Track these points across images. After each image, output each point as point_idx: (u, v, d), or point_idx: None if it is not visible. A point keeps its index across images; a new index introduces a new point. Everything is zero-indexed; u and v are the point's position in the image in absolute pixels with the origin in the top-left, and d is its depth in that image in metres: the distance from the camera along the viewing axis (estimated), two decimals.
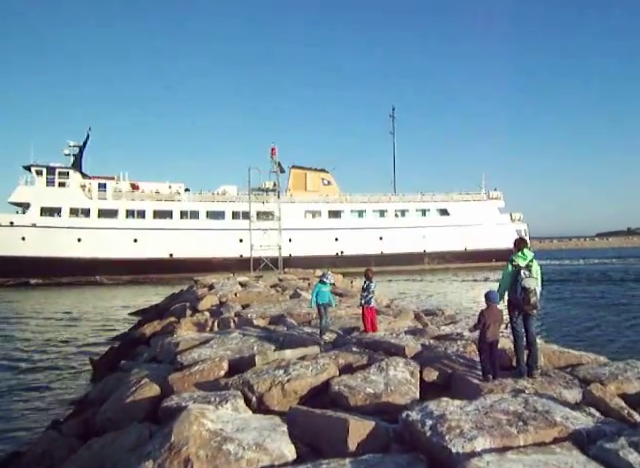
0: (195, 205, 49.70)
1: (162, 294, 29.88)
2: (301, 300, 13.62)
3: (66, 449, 5.71)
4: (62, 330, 21.30)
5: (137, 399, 5.95)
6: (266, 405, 5.55)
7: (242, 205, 49.93)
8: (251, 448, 4.08)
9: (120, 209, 47.27)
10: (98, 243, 45.06)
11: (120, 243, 45.73)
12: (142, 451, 4.33)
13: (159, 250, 46.55)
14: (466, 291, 35.36)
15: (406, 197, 57.59)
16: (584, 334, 17.91)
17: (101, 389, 8.39)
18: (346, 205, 54.11)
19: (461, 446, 3.63)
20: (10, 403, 10.79)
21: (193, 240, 47.52)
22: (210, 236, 48.24)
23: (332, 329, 9.30)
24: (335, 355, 6.85)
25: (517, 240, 6.37)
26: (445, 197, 57.75)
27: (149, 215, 47.82)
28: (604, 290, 33.67)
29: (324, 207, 53.13)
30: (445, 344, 7.40)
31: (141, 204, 48.11)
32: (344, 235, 52.00)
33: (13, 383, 12.54)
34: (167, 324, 13.04)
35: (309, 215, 52.93)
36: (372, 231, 52.64)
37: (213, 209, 50.12)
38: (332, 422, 4.48)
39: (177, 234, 47.61)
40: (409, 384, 5.80)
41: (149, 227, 47.23)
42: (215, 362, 6.64)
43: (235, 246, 48.44)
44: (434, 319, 11.05)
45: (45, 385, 12.23)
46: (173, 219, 48.36)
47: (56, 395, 11.33)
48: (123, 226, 46.64)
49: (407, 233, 53.44)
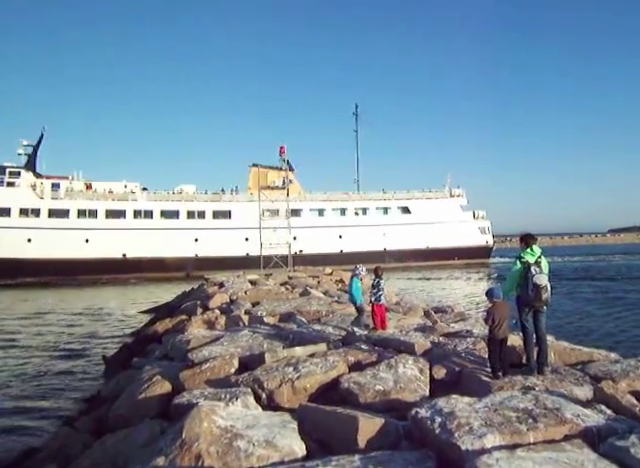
0: (149, 204, 49.01)
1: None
2: (310, 298, 13.65)
3: (80, 445, 5.82)
4: (73, 328, 21.60)
5: (149, 396, 6.03)
6: (276, 402, 5.59)
7: (198, 204, 49.57)
8: (261, 445, 4.12)
9: (71, 209, 46.70)
10: (49, 243, 44.35)
11: (71, 243, 45.11)
12: (154, 447, 4.39)
13: (112, 250, 45.91)
14: (441, 289, 35.31)
15: (367, 195, 56.84)
16: (595, 331, 17.78)
17: (114, 386, 8.52)
18: (305, 204, 53.43)
19: (470, 443, 3.63)
20: (25, 400, 11.00)
21: (147, 240, 46.87)
22: (164, 236, 47.56)
23: (341, 326, 9.32)
24: (344, 352, 6.88)
25: (524, 236, 6.21)
26: (407, 195, 57.01)
27: (101, 215, 47.25)
28: (614, 286, 33.38)
29: (282, 206, 51.57)
30: (454, 341, 7.39)
31: (93, 204, 47.50)
32: (303, 234, 51.06)
33: (27, 380, 12.77)
34: (178, 322, 13.18)
35: (267, 214, 51.80)
36: (331, 230, 51.92)
37: (167, 208, 49.32)
38: (342, 419, 4.51)
39: (130, 234, 46.92)
40: (418, 381, 5.81)
41: (101, 227, 46.64)
42: (225, 359, 6.70)
43: (190, 245, 47.93)
44: (443, 316, 11.03)
45: (59, 382, 12.44)
46: (126, 219, 47.75)
47: (70, 392, 11.53)
48: (74, 226, 46.04)
49: (367, 231, 52.64)
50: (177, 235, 47.86)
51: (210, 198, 51.21)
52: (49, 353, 16.19)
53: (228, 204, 50.76)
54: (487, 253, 55.94)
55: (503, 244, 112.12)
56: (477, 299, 27.60)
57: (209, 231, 48.83)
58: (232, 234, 48.94)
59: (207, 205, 49.95)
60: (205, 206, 49.83)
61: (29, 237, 44.44)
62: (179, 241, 47.52)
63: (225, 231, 49.17)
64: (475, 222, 56.80)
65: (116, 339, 18.19)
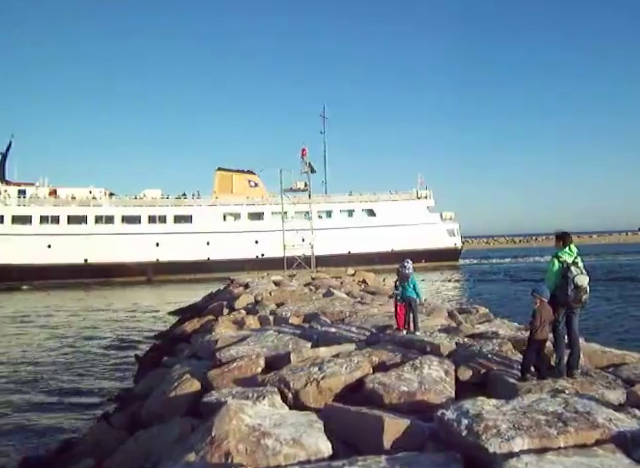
0: (110, 210, 49.44)
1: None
2: (334, 299, 13.69)
3: (115, 440, 6.02)
4: (104, 328, 22.19)
5: (179, 394, 6.19)
6: (302, 401, 5.64)
7: (159, 209, 49.95)
8: (288, 443, 4.17)
9: (34, 215, 47.43)
10: (13, 249, 45.20)
11: (34, 249, 45.81)
12: (185, 444, 4.50)
13: (74, 255, 46.47)
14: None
15: (331, 198, 56.07)
16: (627, 333, 17.32)
17: (146, 384, 8.75)
18: (267, 207, 52.83)
19: (498, 446, 3.60)
20: (63, 395, 11.46)
21: (108, 245, 47.32)
22: (125, 241, 47.92)
23: (365, 327, 9.34)
24: (369, 353, 6.89)
25: (561, 235, 6.01)
26: (372, 197, 56.01)
27: (63, 221, 47.84)
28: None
29: (244, 209, 52.13)
30: (480, 343, 7.30)
31: (55, 210, 48.08)
32: (265, 238, 50.71)
33: (65, 377, 13.28)
34: (206, 322, 13.42)
35: (230, 217, 51.92)
36: (294, 233, 50.57)
37: (128, 214, 49.63)
38: (367, 419, 4.53)
39: (92, 239, 47.46)
40: (444, 383, 5.78)
41: (63, 233, 47.27)
42: (252, 359, 6.80)
43: (152, 250, 48.33)
44: (468, 317, 10.90)
45: (94, 379, 12.93)
46: (88, 224, 48.33)
47: (104, 388, 11.97)
48: (37, 232, 46.75)
49: (331, 234, 51.78)
50: (138, 240, 48.29)
51: (172, 203, 51.54)
52: (84, 352, 16.77)
53: (189, 209, 50.96)
54: (456, 255, 55.22)
55: (481, 246, 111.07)
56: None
57: (170, 236, 49.22)
58: (193, 238, 49.23)
59: (168, 210, 50.35)
60: (166, 211, 50.24)
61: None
62: (140, 246, 47.98)
63: (186, 235, 49.44)
64: (443, 224, 55.99)
65: (146, 338, 18.69)
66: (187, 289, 38.87)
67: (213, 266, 47.48)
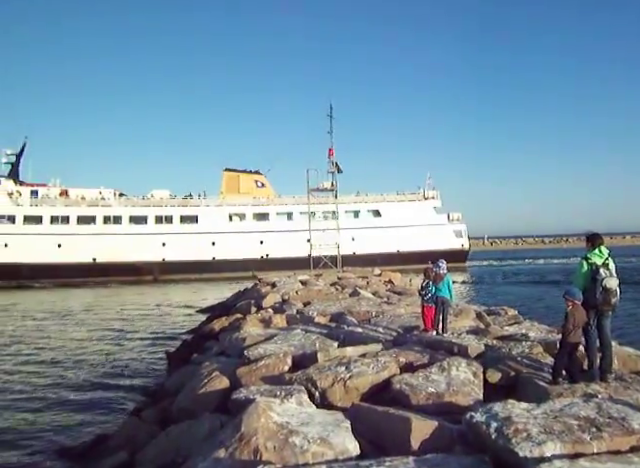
0: (118, 210, 50.22)
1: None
2: (360, 298, 13.70)
3: (147, 435, 6.18)
4: (133, 325, 22.77)
5: (209, 390, 6.31)
6: (329, 401, 5.68)
7: (165, 209, 50.51)
8: (316, 442, 4.21)
9: (45, 215, 48.59)
10: (24, 248, 46.41)
11: (45, 248, 47.00)
12: (215, 440, 4.59)
13: (82, 255, 47.45)
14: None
15: (337, 199, 55.04)
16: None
17: (176, 380, 8.93)
18: (272, 207, 52.84)
19: (529, 450, 3.55)
20: (96, 390, 11.81)
21: (116, 245, 48.11)
22: (133, 241, 48.73)
23: (392, 327, 9.31)
24: (396, 353, 6.87)
25: (591, 236, 5.88)
26: (378, 198, 55.27)
27: (73, 221, 48.90)
28: None
29: (249, 210, 52.21)
30: (509, 345, 7.20)
31: (65, 210, 49.19)
32: (270, 238, 50.78)
33: (98, 372, 13.70)
34: (234, 320, 13.64)
35: (235, 218, 52.03)
36: (299, 233, 50.38)
37: (136, 214, 50.32)
38: (394, 420, 4.54)
39: (100, 239, 48.36)
40: (472, 385, 5.73)
41: (73, 232, 48.31)
42: (280, 357, 6.87)
43: (158, 250, 48.97)
44: (497, 319, 10.74)
45: (126, 374, 13.32)
46: (97, 224, 49.26)
47: (136, 384, 12.28)
48: (47, 232, 47.92)
49: (336, 235, 50.26)
50: (145, 240, 48.98)
51: (178, 203, 52.13)
52: (116, 348, 17.25)
53: (195, 209, 51.36)
54: (463, 257, 53.92)
55: (490, 247, 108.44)
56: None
57: (176, 236, 49.77)
58: (199, 238, 49.72)
59: (174, 210, 50.89)
60: (172, 211, 50.82)
61: (6, 242, 46.95)
62: (147, 246, 48.66)
63: (192, 235, 49.91)
64: (450, 225, 54.98)
65: (175, 335, 19.10)
66: (206, 288, 39.54)
67: (218, 266, 48.25)
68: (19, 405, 10.86)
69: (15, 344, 18.48)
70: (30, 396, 11.50)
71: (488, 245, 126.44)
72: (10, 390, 12.12)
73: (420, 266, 46.08)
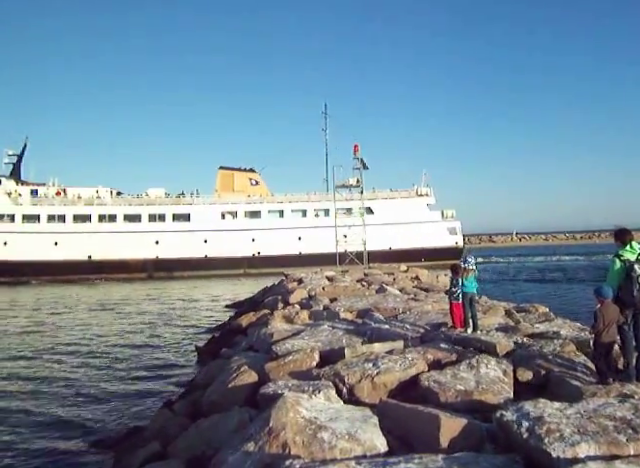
0: (113, 209, 51.06)
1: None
2: (387, 295, 13.64)
3: (178, 427, 6.34)
4: (161, 319, 23.28)
5: (238, 385, 6.42)
6: (356, 397, 5.69)
7: (159, 208, 51.15)
8: (344, 437, 4.23)
9: (42, 214, 49.85)
10: (23, 246, 47.83)
11: (42, 246, 48.20)
12: (244, 433, 4.67)
13: (78, 252, 48.52)
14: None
15: (328, 196, 54.75)
16: None
17: (206, 374, 9.13)
18: (264, 205, 52.93)
19: (562, 451, 3.48)
20: (129, 383, 12.20)
21: (110, 242, 49.05)
22: (127, 238, 49.56)
23: (419, 324, 9.26)
24: (423, 350, 6.84)
25: (619, 232, 5.70)
26: (371, 195, 54.27)
27: (69, 219, 50.06)
28: None
29: (241, 208, 52.40)
30: (540, 343, 7.07)
31: (62, 209, 50.31)
32: (261, 235, 51.00)
33: (130, 365, 14.13)
34: (261, 316, 13.79)
35: (228, 216, 52.29)
36: (290, 231, 51.13)
37: (130, 212, 51.13)
38: (423, 417, 4.51)
39: (95, 237, 49.39)
40: (502, 383, 5.66)
41: (69, 231, 49.51)
42: (307, 353, 6.92)
43: (152, 247, 49.70)
44: (527, 316, 10.55)
45: (158, 367, 13.71)
46: (92, 223, 50.24)
47: (167, 377, 12.62)
48: (45, 230, 49.19)
49: (327, 233, 49.76)
50: (139, 238, 49.66)
51: (171, 201, 52.85)
52: (147, 341, 17.71)
53: (187, 207, 52.01)
54: (457, 254, 52.38)
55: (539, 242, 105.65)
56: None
57: (169, 233, 50.61)
58: (191, 236, 50.37)
59: (167, 208, 51.66)
60: (165, 209, 51.61)
61: (5, 240, 48.56)
62: (141, 243, 49.40)
63: (184, 233, 50.63)
64: (444, 222, 54.13)
65: (204, 330, 19.47)
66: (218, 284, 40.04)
67: (210, 264, 48.90)
68: (60, 395, 11.35)
69: (52, 337, 19.14)
70: (69, 387, 12.01)
71: (517, 241, 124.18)
72: (51, 381, 12.67)
73: (413, 264, 45.19)
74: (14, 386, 12.34)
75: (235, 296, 30.68)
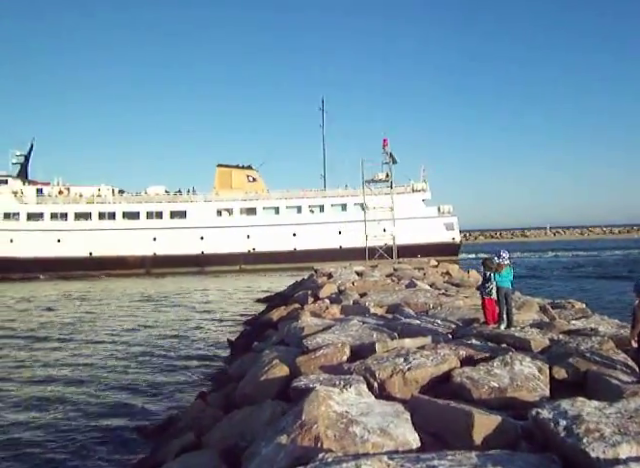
0: (112, 207, 52.13)
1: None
2: (417, 290, 13.53)
3: (212, 418, 6.48)
4: (193, 312, 23.77)
5: (270, 378, 6.50)
6: (387, 391, 5.68)
7: (156, 205, 51.98)
8: (376, 432, 4.23)
9: (45, 212, 51.21)
10: (27, 243, 49.38)
11: (46, 243, 49.66)
12: (276, 426, 4.73)
13: (80, 249, 49.80)
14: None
15: (323, 192, 55.00)
16: None
17: (238, 367, 9.28)
18: (259, 202, 53.13)
19: (602, 451, 3.39)
20: (163, 374, 12.57)
21: (110, 239, 50.15)
22: (126, 235, 50.55)
23: (450, 319, 9.15)
24: (455, 346, 6.76)
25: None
26: (366, 191, 53.61)
27: (71, 217, 51.34)
28: None
29: (237, 205, 52.66)
30: (577, 340, 6.90)
31: (64, 207, 51.63)
32: (257, 232, 51.10)
33: (164, 358, 14.56)
34: (292, 310, 13.91)
35: (224, 213, 52.61)
36: (285, 227, 51.19)
37: (128, 210, 52.02)
38: (456, 414, 4.47)
39: (95, 234, 50.52)
40: (537, 380, 5.55)
41: (70, 228, 50.83)
42: (338, 347, 6.93)
43: (149, 244, 50.51)
44: (562, 312, 10.30)
45: (191, 359, 14.05)
46: (92, 220, 51.37)
47: (201, 369, 12.93)
48: (48, 228, 50.60)
49: (322, 229, 51.24)
50: (137, 235, 50.64)
51: (168, 199, 53.68)
52: (181, 334, 18.11)
53: (184, 204, 52.73)
54: (454, 249, 51.57)
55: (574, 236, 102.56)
56: None
57: (166, 230, 51.42)
58: (187, 233, 51.13)
59: (164, 206, 52.51)
60: (163, 207, 52.45)
61: (11, 238, 50.20)
62: (139, 240, 50.30)
63: (181, 230, 51.40)
64: (440, 218, 52.96)
65: (235, 323, 19.80)
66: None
67: (206, 260, 49.77)
68: (103, 383, 11.88)
69: (87, 331, 19.77)
70: (111, 375, 12.58)
71: (551, 235, 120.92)
72: (96, 369, 13.25)
73: (408, 260, 43.81)
74: (62, 372, 13.30)
75: (263, 291, 31.00)
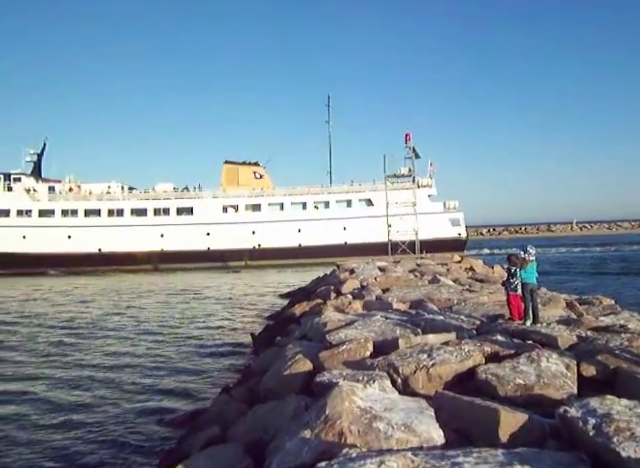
0: (121, 204, 53.13)
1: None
2: (440, 285, 13.41)
3: (236, 411, 6.58)
4: (216, 306, 24.09)
5: (293, 372, 6.55)
6: (411, 388, 5.66)
7: (163, 202, 52.85)
8: (400, 428, 4.22)
9: (56, 209, 52.53)
10: (39, 240, 50.70)
11: (57, 239, 51.00)
12: (300, 420, 4.77)
13: (89, 245, 50.93)
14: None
15: (328, 188, 54.98)
16: None
17: (262, 361, 9.38)
18: (264, 199, 53.37)
19: (633, 450, 3.32)
20: (188, 368, 12.82)
21: (118, 235, 51.13)
22: (134, 232, 51.46)
23: (474, 315, 9.06)
24: (480, 342, 6.69)
25: None
26: (371, 187, 53.63)
27: (81, 214, 52.54)
28: None
29: (242, 201, 52.99)
30: (606, 337, 6.76)
31: (74, 204, 52.87)
32: (262, 228, 51.59)
33: (190, 351, 14.84)
34: (314, 305, 13.97)
35: (230, 209, 53.07)
36: (290, 223, 51.48)
37: (136, 207, 52.90)
38: (481, 411, 4.43)
39: (104, 230, 51.62)
40: (564, 377, 5.45)
41: (80, 225, 52.04)
42: (361, 343, 6.93)
43: (157, 240, 51.39)
44: (590, 308, 10.10)
45: (216, 353, 14.30)
46: (102, 217, 52.45)
47: (224, 363, 13.17)
48: (59, 224, 51.90)
49: (327, 225, 51.47)
50: (145, 231, 51.78)
51: (175, 196, 54.35)
52: (205, 328, 18.49)
53: (190, 201, 53.27)
54: (460, 245, 50.77)
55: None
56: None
57: (173, 227, 51.97)
58: (194, 229, 51.71)
59: (172, 202, 53.20)
60: (170, 203, 53.16)
61: (24, 234, 51.35)
62: (147, 236, 51.45)
63: (187, 226, 51.98)
64: (445, 214, 52.40)
65: (258, 318, 20.03)
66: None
67: (213, 256, 50.38)
68: (129, 377, 12.17)
69: (112, 327, 20.23)
70: (142, 365, 13.05)
71: (577, 230, 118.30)
72: (117, 362, 13.60)
73: (414, 256, 44.13)
74: (97, 360, 14.06)
75: (287, 286, 31.25)
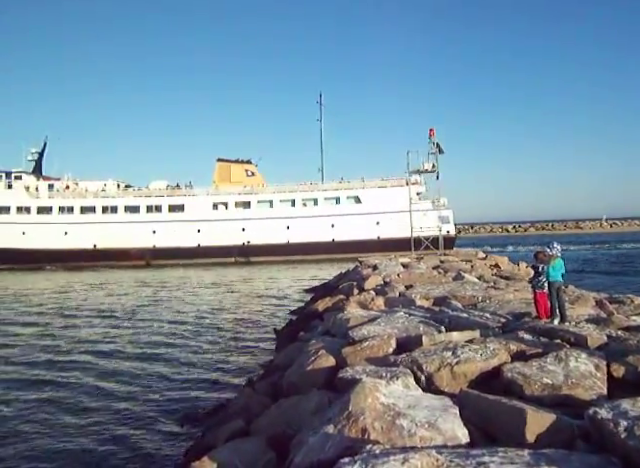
0: (115, 201, 54.38)
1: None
2: (465, 282, 13.25)
3: (260, 405, 6.63)
4: (239, 302, 24.33)
5: (316, 368, 6.57)
6: (435, 385, 5.61)
7: (155, 199, 53.94)
8: (423, 426, 4.19)
9: (54, 206, 53.99)
10: (38, 236, 52.30)
11: (54, 235, 52.46)
12: (323, 415, 4.77)
13: (85, 241, 52.44)
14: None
15: (317, 186, 54.97)
16: None
17: (285, 356, 9.45)
18: (254, 196, 53.89)
19: None
20: (212, 363, 12.98)
21: (113, 232, 52.33)
22: (127, 228, 52.66)
23: (500, 313, 8.92)
24: (505, 341, 6.58)
25: None
26: (359, 184, 53.63)
27: (77, 211, 53.94)
28: None
29: (232, 198, 53.50)
30: (638, 336, 6.56)
31: (70, 201, 54.24)
32: (251, 225, 52.27)
33: (214, 345, 15.08)
34: (337, 301, 13.98)
35: (221, 206, 53.56)
36: (279, 221, 52.00)
37: (130, 204, 54.10)
38: (508, 410, 4.36)
39: (99, 227, 52.94)
40: (594, 378, 5.32)
41: (76, 221, 53.42)
42: (384, 339, 6.91)
43: (149, 237, 52.48)
44: (620, 308, 9.83)
45: (240, 348, 14.48)
46: (96, 214, 53.79)
47: (248, 357, 13.32)
48: (56, 221, 53.35)
49: (315, 222, 51.62)
50: (138, 228, 52.99)
51: (167, 193, 55.22)
52: (228, 323, 18.66)
53: (181, 198, 54.15)
54: (450, 243, 49.49)
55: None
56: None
57: (165, 224, 53.13)
58: (185, 226, 52.66)
59: (163, 200, 54.03)
60: (162, 201, 54.04)
61: (23, 230, 52.96)
62: (139, 233, 52.64)
63: (178, 223, 52.92)
64: (434, 211, 51.61)
65: (282, 313, 20.17)
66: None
67: (203, 252, 51.18)
68: (154, 371, 12.37)
69: (136, 320, 20.62)
70: (160, 364, 13.11)
71: (607, 227, 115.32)
72: (144, 358, 13.83)
73: (403, 253, 43.34)
74: (127, 349, 14.55)
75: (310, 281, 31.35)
